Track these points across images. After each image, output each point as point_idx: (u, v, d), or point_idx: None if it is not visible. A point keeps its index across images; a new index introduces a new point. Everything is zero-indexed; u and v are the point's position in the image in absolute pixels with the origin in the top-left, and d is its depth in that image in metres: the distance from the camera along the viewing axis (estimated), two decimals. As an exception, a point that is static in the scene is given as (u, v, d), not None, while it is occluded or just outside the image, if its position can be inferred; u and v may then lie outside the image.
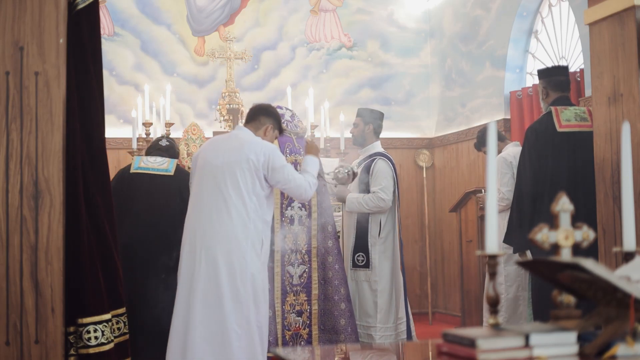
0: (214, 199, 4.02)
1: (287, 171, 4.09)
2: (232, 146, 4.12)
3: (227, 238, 3.96)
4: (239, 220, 3.99)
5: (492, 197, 1.91)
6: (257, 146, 4.08)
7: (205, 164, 4.12)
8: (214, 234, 3.97)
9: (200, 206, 4.05)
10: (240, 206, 4.00)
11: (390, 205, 5.33)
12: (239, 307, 3.92)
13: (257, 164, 4.03)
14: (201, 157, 4.17)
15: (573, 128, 4.61)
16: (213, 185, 4.05)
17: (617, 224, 3.98)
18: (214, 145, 4.23)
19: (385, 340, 5.22)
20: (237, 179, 4.02)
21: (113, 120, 7.47)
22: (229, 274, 3.93)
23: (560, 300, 1.88)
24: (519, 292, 5.52)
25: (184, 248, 4.06)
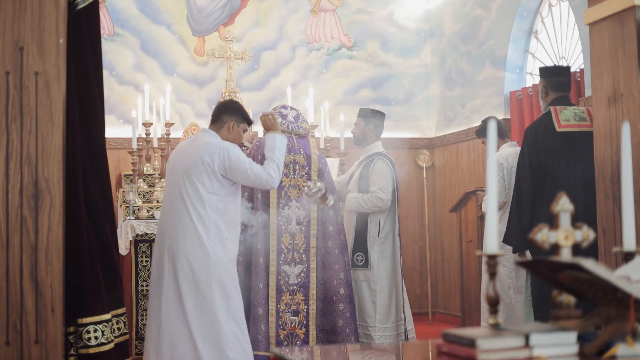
0: (177, 203, 4.10)
1: (244, 166, 4.12)
2: (192, 150, 4.19)
3: (189, 240, 4.04)
4: (199, 221, 4.05)
5: (492, 197, 1.91)
6: (211, 148, 4.12)
7: (171, 169, 4.23)
8: (177, 236, 4.04)
9: (165, 211, 4.17)
10: (199, 208, 4.06)
11: (389, 205, 5.33)
12: (202, 306, 3.98)
13: (212, 165, 4.08)
14: (169, 163, 4.29)
15: (572, 128, 4.61)
16: (176, 190, 4.13)
17: (617, 224, 3.98)
18: (179, 151, 4.31)
19: (384, 340, 5.22)
20: (195, 182, 4.09)
21: (113, 120, 7.47)
22: (191, 274, 4.01)
23: (560, 300, 1.88)
24: (513, 295, 5.51)
25: (154, 253, 4.19)
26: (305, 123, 5.21)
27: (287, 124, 5.04)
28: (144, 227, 5.84)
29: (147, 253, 5.89)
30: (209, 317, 3.98)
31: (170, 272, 4.02)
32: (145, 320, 5.81)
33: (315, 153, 5.08)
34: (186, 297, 3.98)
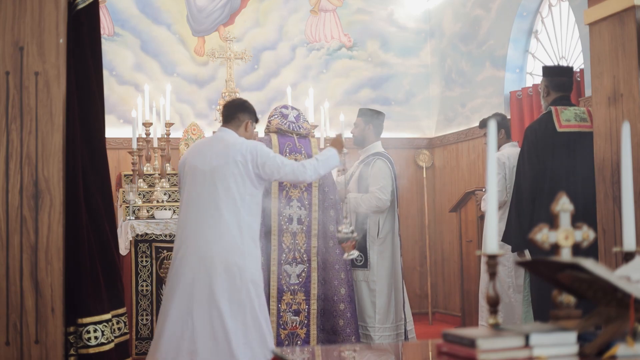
0: (207, 205, 4.01)
1: (278, 159, 4.12)
2: (218, 150, 4.10)
3: (224, 242, 3.97)
4: (233, 222, 3.99)
5: (492, 197, 1.91)
6: (242, 147, 4.09)
7: (194, 170, 4.10)
8: (208, 239, 3.96)
9: (193, 214, 4.04)
10: (233, 209, 4.00)
11: (388, 205, 5.33)
12: (238, 307, 3.92)
13: (245, 165, 4.04)
14: (188, 164, 4.15)
15: (573, 128, 4.61)
16: (204, 192, 4.04)
17: (617, 224, 3.98)
18: (199, 151, 4.19)
19: (383, 340, 5.22)
20: (228, 183, 4.02)
21: (113, 120, 7.47)
22: (225, 275, 3.92)
23: (560, 300, 1.88)
24: (512, 294, 5.51)
25: (177, 255, 4.04)
26: (306, 123, 5.21)
27: (288, 124, 5.04)
28: (144, 227, 5.84)
29: (147, 253, 5.89)
30: (244, 318, 3.93)
31: (202, 275, 3.92)
32: (145, 320, 5.82)
33: (316, 153, 5.09)
34: (221, 299, 3.89)
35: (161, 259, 5.90)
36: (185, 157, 4.23)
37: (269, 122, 5.16)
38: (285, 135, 5.06)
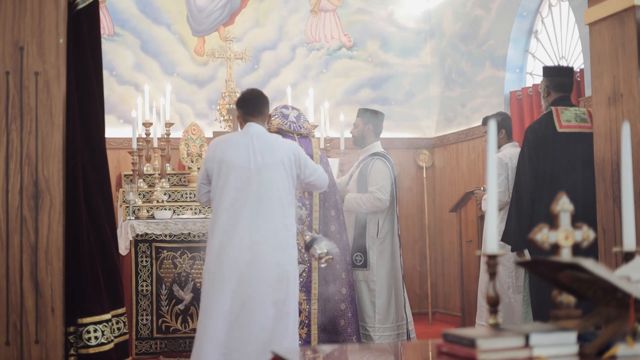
0: (255, 205, 3.98)
1: (312, 162, 4.23)
2: (262, 148, 4.06)
3: (274, 243, 3.98)
4: (281, 224, 4.01)
5: (492, 197, 1.91)
6: (286, 146, 4.15)
7: (236, 168, 4.03)
8: (260, 241, 3.95)
9: (239, 213, 3.98)
10: (280, 210, 4.02)
11: (388, 205, 5.33)
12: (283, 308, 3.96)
13: (291, 164, 4.08)
14: (226, 161, 4.04)
15: (573, 129, 4.61)
16: (251, 191, 4.00)
17: (617, 224, 3.98)
18: (236, 147, 4.09)
19: (384, 340, 5.22)
20: (277, 181, 4.02)
21: (113, 120, 7.47)
22: (277, 280, 3.95)
23: (560, 300, 1.88)
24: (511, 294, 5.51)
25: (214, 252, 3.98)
26: (306, 123, 5.22)
27: (289, 124, 5.05)
28: (144, 227, 5.84)
29: (147, 253, 5.89)
30: (287, 318, 3.97)
31: (253, 275, 3.92)
32: (145, 320, 5.82)
33: (317, 153, 5.09)
34: (269, 298, 3.92)
35: (161, 259, 5.90)
36: (220, 153, 4.09)
37: (270, 122, 5.16)
38: (286, 135, 5.06)
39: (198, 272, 5.92)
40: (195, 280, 5.90)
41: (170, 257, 5.92)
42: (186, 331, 5.88)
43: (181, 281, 5.89)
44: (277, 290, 3.93)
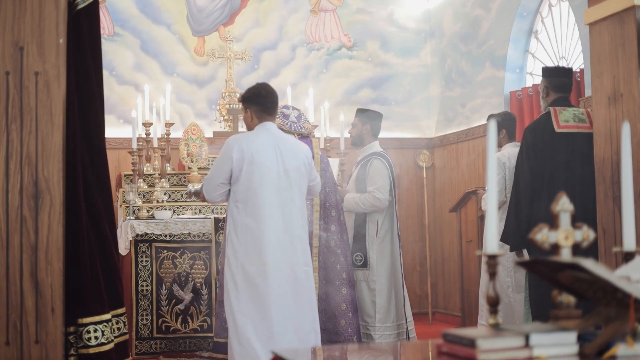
0: (282, 205, 4.06)
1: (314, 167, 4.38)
2: (287, 150, 4.14)
3: (304, 246, 4.13)
4: (302, 224, 4.16)
5: (492, 197, 1.91)
6: (304, 149, 4.24)
7: (267, 170, 4.06)
8: (296, 246, 4.08)
9: (268, 213, 4.04)
10: (302, 210, 4.16)
11: (387, 204, 5.34)
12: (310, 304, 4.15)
13: (307, 168, 4.20)
14: (257, 163, 4.06)
15: (571, 129, 4.62)
16: (283, 194, 4.08)
17: (617, 224, 3.98)
18: (265, 149, 4.10)
19: (384, 339, 5.22)
20: (300, 184, 4.14)
21: (113, 120, 7.47)
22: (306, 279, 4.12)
23: (560, 300, 1.88)
24: (511, 294, 5.51)
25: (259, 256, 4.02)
26: (307, 123, 5.22)
27: (289, 124, 5.05)
28: (144, 227, 5.84)
29: (147, 253, 5.89)
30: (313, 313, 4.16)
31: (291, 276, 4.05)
32: (145, 320, 5.82)
33: (317, 153, 5.09)
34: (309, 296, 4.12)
35: (161, 259, 5.90)
36: (250, 154, 4.07)
37: (270, 122, 5.16)
38: (286, 135, 5.07)
39: (198, 272, 5.92)
40: (195, 280, 5.90)
41: (170, 257, 5.92)
42: (186, 331, 5.88)
43: (181, 281, 5.89)
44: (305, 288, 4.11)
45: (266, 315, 3.99)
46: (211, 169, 4.20)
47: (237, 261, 4.05)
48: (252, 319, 3.99)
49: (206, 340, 5.84)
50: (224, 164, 4.08)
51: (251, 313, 4.00)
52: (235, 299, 4.02)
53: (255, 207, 4.05)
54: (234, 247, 4.07)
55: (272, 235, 4.04)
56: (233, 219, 4.09)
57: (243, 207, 4.06)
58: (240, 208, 4.07)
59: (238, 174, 4.06)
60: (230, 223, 4.11)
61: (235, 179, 4.07)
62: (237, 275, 4.04)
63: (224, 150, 4.12)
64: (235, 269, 4.05)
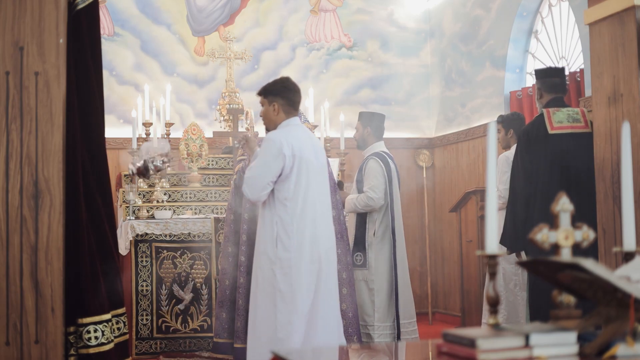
0: (322, 201, 4.15)
1: None
2: (317, 145, 4.23)
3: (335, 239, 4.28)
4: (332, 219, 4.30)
5: (491, 197, 1.91)
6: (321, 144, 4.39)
7: (311, 165, 4.09)
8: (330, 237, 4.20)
9: (320, 210, 4.13)
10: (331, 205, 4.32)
11: (382, 203, 5.36)
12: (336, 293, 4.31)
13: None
14: (304, 159, 4.07)
15: (565, 130, 4.62)
16: (322, 189, 4.16)
17: (617, 224, 3.98)
18: (305, 144, 4.13)
19: (383, 339, 5.23)
20: (328, 179, 4.26)
21: (113, 120, 7.47)
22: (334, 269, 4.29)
23: (560, 300, 1.88)
24: (518, 292, 5.51)
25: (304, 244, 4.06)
26: (307, 123, 5.23)
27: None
28: (144, 227, 5.84)
29: (147, 253, 5.89)
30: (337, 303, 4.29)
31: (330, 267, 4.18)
32: (145, 320, 5.82)
33: (317, 152, 5.10)
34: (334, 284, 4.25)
35: (161, 259, 5.91)
36: (298, 151, 4.07)
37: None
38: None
39: (198, 272, 5.92)
40: (195, 280, 5.90)
41: (170, 257, 5.92)
42: (186, 331, 5.88)
43: (181, 281, 5.89)
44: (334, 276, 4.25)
45: (317, 311, 4.08)
46: (256, 167, 4.07)
47: (289, 260, 4.03)
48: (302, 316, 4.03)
49: (206, 340, 5.84)
50: (275, 162, 4.01)
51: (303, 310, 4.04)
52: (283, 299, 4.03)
53: (305, 205, 4.03)
54: (284, 247, 4.03)
55: (322, 233, 4.11)
56: (280, 218, 4.03)
57: (292, 205, 4.03)
58: (289, 206, 4.03)
59: (288, 171, 4.02)
60: (275, 222, 4.05)
61: (284, 176, 4.03)
62: (291, 274, 4.03)
63: (270, 148, 4.04)
64: (287, 268, 4.03)
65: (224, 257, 5.07)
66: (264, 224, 4.10)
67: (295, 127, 4.16)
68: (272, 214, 4.05)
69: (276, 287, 4.02)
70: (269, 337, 4.03)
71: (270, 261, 4.04)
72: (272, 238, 4.03)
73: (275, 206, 4.04)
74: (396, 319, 5.32)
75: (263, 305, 4.07)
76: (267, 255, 4.06)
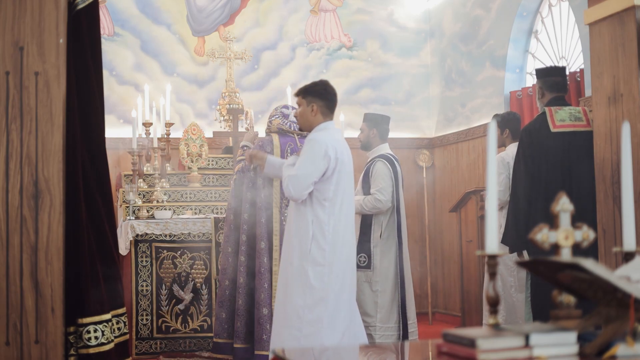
0: (351, 202, 4.25)
1: None
2: (349, 150, 4.28)
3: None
4: None
5: (491, 197, 1.91)
6: None
7: (347, 167, 4.18)
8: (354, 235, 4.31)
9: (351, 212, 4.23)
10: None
11: (389, 205, 5.36)
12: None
13: None
14: (342, 162, 4.15)
15: (567, 128, 4.61)
16: (351, 190, 4.24)
17: (617, 224, 3.98)
18: (343, 146, 4.22)
19: (385, 340, 5.23)
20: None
21: (113, 120, 7.47)
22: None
23: (560, 300, 1.88)
24: (513, 293, 5.51)
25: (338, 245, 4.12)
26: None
27: (289, 123, 5.06)
28: (144, 227, 5.84)
29: (147, 253, 5.89)
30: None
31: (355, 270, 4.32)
32: (145, 320, 5.82)
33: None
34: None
35: (161, 259, 5.90)
36: (340, 154, 4.14)
37: (270, 122, 5.17)
38: (286, 136, 5.07)
39: (198, 272, 5.92)
40: (195, 280, 5.90)
41: (170, 257, 5.92)
42: (186, 331, 5.88)
43: (181, 281, 5.89)
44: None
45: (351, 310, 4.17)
46: (303, 166, 4.07)
47: (323, 259, 4.07)
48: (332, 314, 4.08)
49: (206, 340, 5.84)
50: (321, 162, 4.06)
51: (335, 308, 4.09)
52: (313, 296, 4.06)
53: (342, 206, 4.13)
54: (319, 245, 4.07)
55: (351, 233, 4.21)
56: (317, 217, 4.09)
57: (330, 205, 4.09)
58: (327, 207, 4.09)
59: (331, 172, 4.08)
60: (311, 221, 4.09)
61: (326, 177, 4.08)
62: (323, 272, 4.07)
63: (316, 148, 4.09)
64: (320, 266, 4.07)
65: (224, 257, 5.07)
66: (299, 223, 4.13)
67: (334, 131, 4.26)
68: (310, 213, 4.10)
69: (307, 284, 4.06)
70: (294, 334, 4.05)
71: (303, 258, 4.08)
72: (308, 236, 4.08)
73: (313, 206, 4.10)
74: (402, 320, 5.32)
75: (291, 301, 4.09)
76: (300, 251, 4.10)
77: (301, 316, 4.04)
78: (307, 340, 4.00)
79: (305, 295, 4.05)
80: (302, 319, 4.04)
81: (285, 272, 4.15)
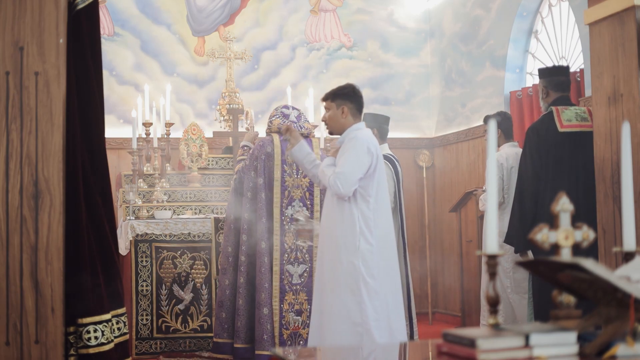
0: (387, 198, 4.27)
1: None
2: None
3: None
4: None
5: (492, 197, 1.91)
6: None
7: (380, 164, 4.21)
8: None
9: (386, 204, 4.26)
10: None
11: (392, 206, 5.35)
12: None
13: None
14: (381, 159, 4.22)
15: (574, 128, 4.61)
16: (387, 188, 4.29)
17: (617, 224, 3.98)
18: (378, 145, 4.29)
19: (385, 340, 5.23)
20: None
21: (113, 120, 7.47)
22: None
23: (560, 300, 1.88)
24: (510, 294, 5.51)
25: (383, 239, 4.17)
26: (307, 122, 5.23)
27: (290, 124, 5.06)
28: (144, 227, 5.84)
29: (147, 253, 5.89)
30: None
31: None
32: (145, 320, 5.82)
33: (318, 153, 5.11)
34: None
35: (161, 259, 5.90)
36: (377, 149, 4.22)
37: (270, 122, 5.17)
38: (286, 135, 5.07)
39: (198, 272, 5.92)
40: (195, 280, 5.90)
41: (170, 257, 5.92)
42: (186, 331, 5.88)
43: (181, 281, 5.89)
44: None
45: (398, 306, 4.19)
46: (348, 163, 4.11)
47: (372, 255, 4.10)
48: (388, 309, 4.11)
49: (206, 340, 5.84)
50: (365, 159, 4.12)
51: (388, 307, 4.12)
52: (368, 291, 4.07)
53: (383, 202, 4.20)
54: (367, 240, 4.11)
55: (392, 229, 4.26)
56: (362, 213, 4.13)
57: (374, 201, 4.15)
58: (371, 202, 4.14)
59: (373, 170, 4.14)
60: (357, 217, 4.12)
61: (369, 174, 4.14)
62: (374, 267, 4.10)
63: (360, 146, 4.15)
64: (371, 261, 4.10)
65: (224, 257, 5.07)
66: (344, 220, 4.15)
67: (367, 131, 4.34)
68: (355, 209, 4.14)
69: (360, 280, 4.07)
70: (357, 330, 4.07)
71: (352, 254, 4.09)
72: (354, 232, 4.11)
73: (357, 202, 4.14)
74: (409, 319, 5.33)
75: (340, 300, 4.09)
76: (347, 248, 4.10)
77: (364, 310, 4.06)
78: (362, 337, 4.07)
79: (361, 291, 4.07)
80: (365, 314, 4.07)
81: (333, 270, 4.14)
